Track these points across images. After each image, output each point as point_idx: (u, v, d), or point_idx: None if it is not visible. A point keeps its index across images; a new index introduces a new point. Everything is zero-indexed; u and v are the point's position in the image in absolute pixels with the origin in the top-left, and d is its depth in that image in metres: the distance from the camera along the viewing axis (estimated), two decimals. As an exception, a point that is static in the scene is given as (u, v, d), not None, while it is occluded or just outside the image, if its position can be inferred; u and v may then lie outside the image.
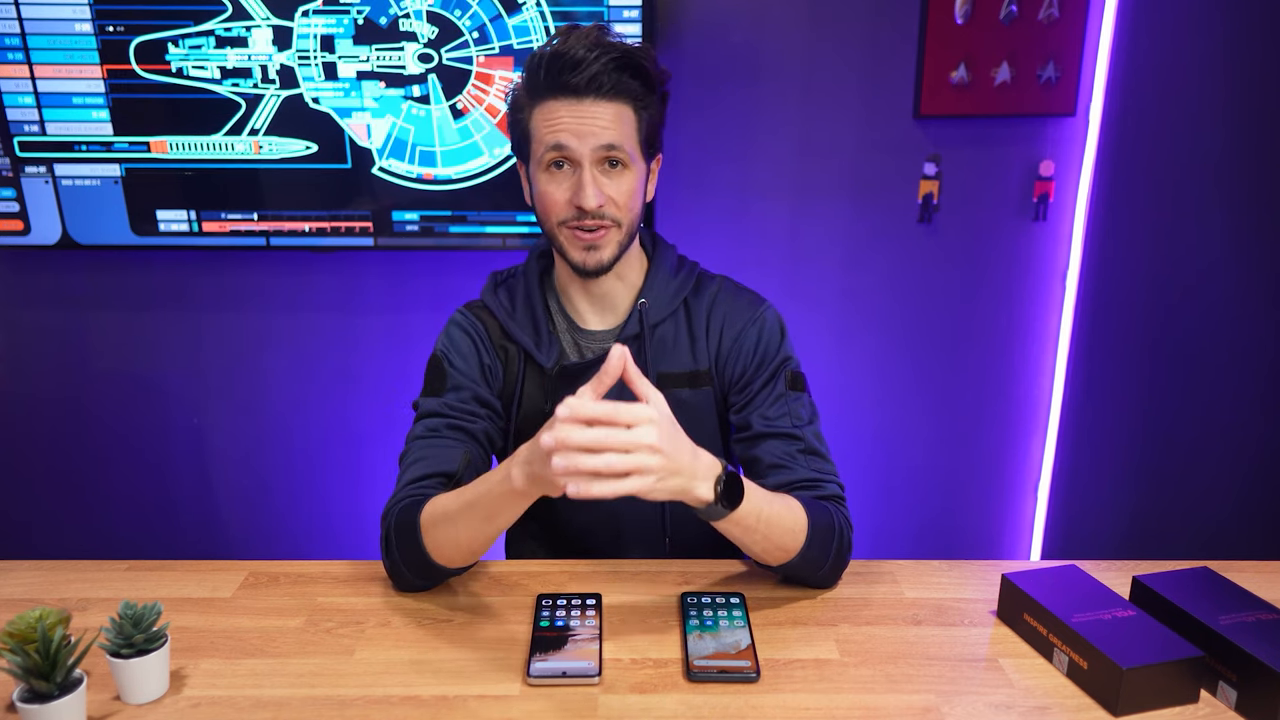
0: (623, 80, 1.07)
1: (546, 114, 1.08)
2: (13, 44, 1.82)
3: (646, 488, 0.85)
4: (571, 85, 1.06)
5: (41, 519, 2.25)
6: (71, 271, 2.07)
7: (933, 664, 0.95)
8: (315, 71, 1.84)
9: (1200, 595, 0.97)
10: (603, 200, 1.08)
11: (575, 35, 1.07)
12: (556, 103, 1.07)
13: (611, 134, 1.08)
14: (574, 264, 1.13)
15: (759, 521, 0.98)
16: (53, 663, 0.81)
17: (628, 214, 1.12)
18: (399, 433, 1.19)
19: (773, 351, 1.20)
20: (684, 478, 0.89)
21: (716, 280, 1.25)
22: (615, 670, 0.94)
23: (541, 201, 1.12)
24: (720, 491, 0.92)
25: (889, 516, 2.24)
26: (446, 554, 1.03)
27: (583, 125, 1.07)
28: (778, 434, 1.14)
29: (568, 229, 1.11)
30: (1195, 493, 2.23)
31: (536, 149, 1.10)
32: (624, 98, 1.08)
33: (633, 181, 1.11)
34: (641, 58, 1.09)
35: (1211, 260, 2.07)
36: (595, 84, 1.06)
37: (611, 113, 1.08)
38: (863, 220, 2.05)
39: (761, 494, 0.99)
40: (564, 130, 1.07)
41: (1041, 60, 1.91)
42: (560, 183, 1.10)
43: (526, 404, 1.21)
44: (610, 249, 1.12)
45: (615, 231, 1.12)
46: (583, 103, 1.07)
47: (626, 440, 0.84)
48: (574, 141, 1.07)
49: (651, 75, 1.10)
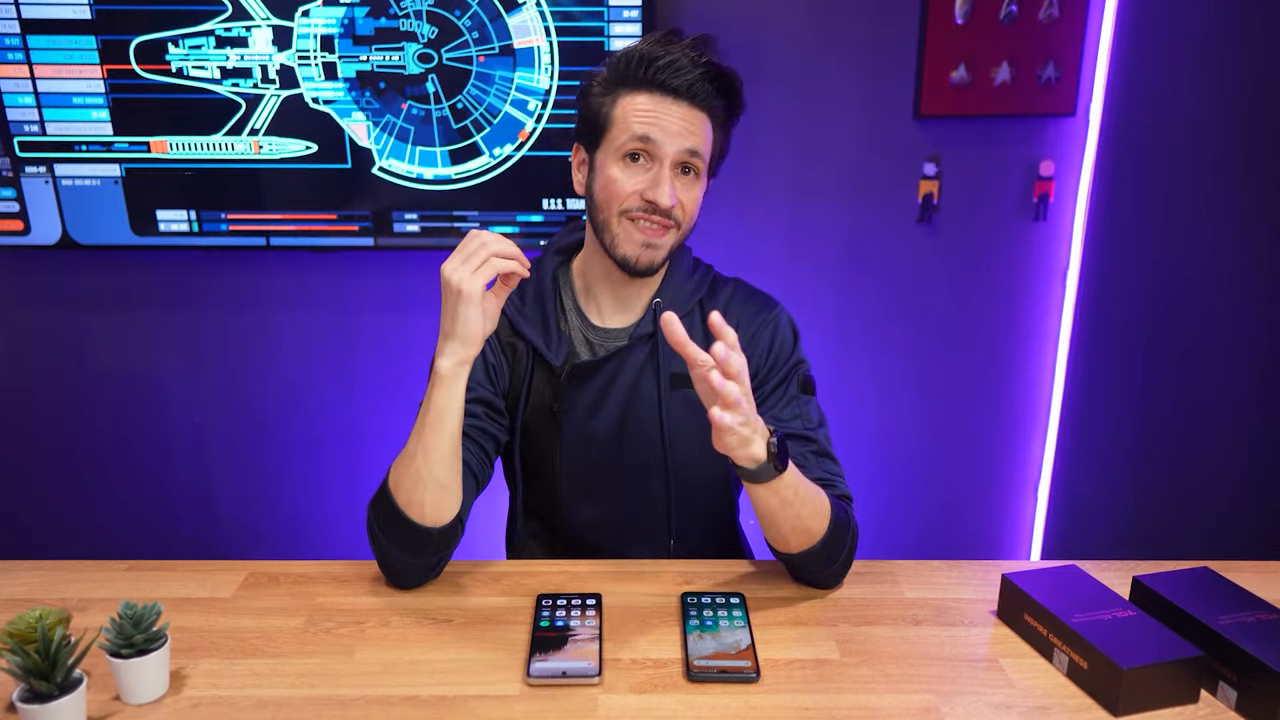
0: (713, 95, 1.10)
1: (636, 105, 1.09)
2: (13, 44, 1.82)
3: (737, 425, 0.89)
4: (670, 86, 1.08)
5: (41, 519, 2.25)
6: (71, 271, 2.07)
7: (933, 664, 0.95)
8: (315, 71, 1.84)
9: (1200, 595, 0.97)
10: (675, 202, 1.10)
11: (679, 41, 1.09)
12: (649, 97, 1.09)
13: (697, 140, 1.10)
14: (623, 257, 1.13)
15: (795, 496, 0.99)
16: (53, 663, 0.81)
17: (688, 222, 1.14)
18: (399, 433, 1.18)
19: (786, 354, 1.20)
20: (750, 429, 0.92)
21: (730, 283, 1.26)
22: (615, 670, 0.94)
23: (608, 188, 1.12)
24: (773, 452, 0.93)
25: (889, 516, 2.24)
26: (418, 500, 1.02)
27: (674, 124, 1.08)
28: (791, 435, 1.15)
29: (629, 219, 1.11)
30: (1195, 492, 2.23)
31: (617, 135, 1.10)
32: (711, 112, 1.11)
33: (699, 192, 1.14)
34: (736, 80, 1.11)
35: (1211, 260, 2.07)
36: (692, 91, 1.08)
37: (699, 121, 1.10)
38: (863, 220, 2.05)
39: (797, 472, 1.00)
40: (655, 125, 1.08)
41: (1041, 60, 1.91)
42: (634, 174, 1.10)
43: (534, 400, 1.21)
44: (664, 251, 1.14)
45: (674, 234, 1.13)
46: (678, 104, 1.08)
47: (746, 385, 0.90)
48: (662, 137, 1.08)
49: (739, 99, 1.13)
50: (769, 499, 0.98)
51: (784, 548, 1.06)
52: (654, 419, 1.19)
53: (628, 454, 1.21)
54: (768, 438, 0.94)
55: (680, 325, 0.89)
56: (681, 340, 0.89)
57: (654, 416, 1.19)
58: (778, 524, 1.02)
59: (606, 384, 1.19)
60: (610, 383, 1.19)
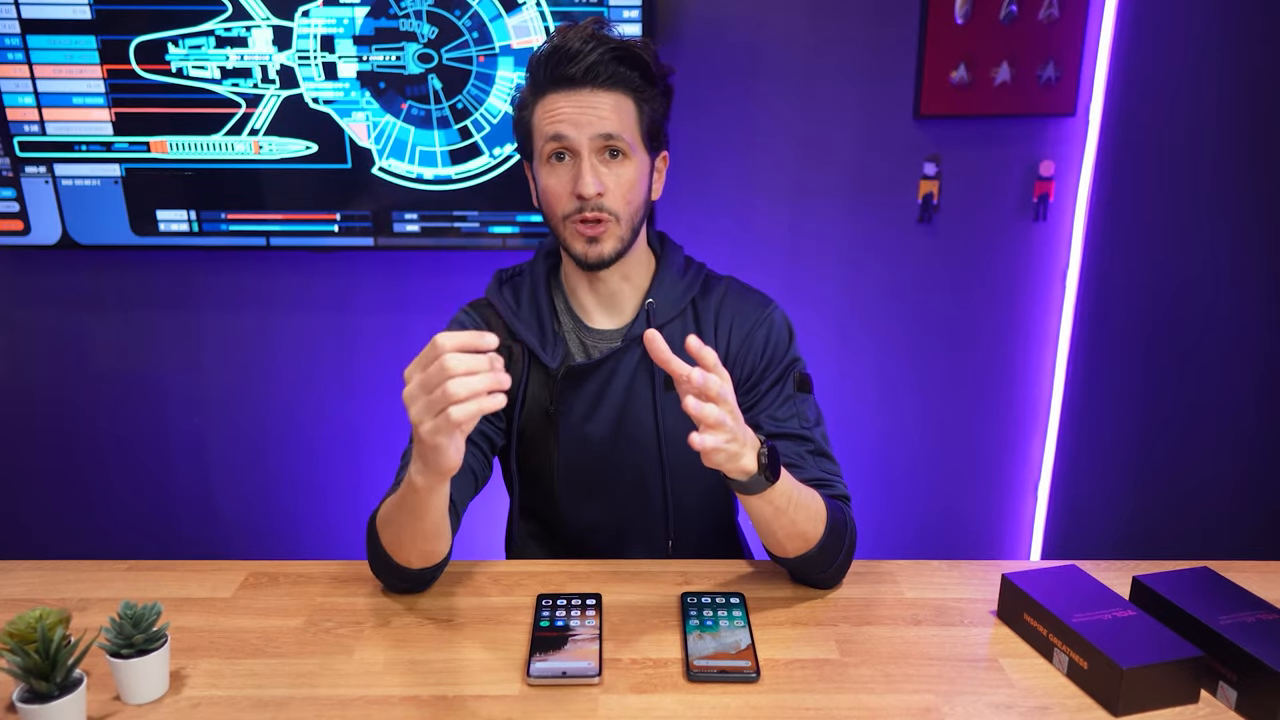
0: (620, 70, 1.08)
1: (546, 107, 1.09)
2: (13, 44, 1.82)
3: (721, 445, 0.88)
4: (569, 77, 1.07)
5: (41, 519, 2.25)
6: (71, 271, 2.07)
7: (933, 664, 0.95)
8: (315, 71, 1.84)
9: (1200, 595, 0.97)
10: (601, 188, 1.08)
11: (572, 30, 1.08)
12: (556, 95, 1.08)
13: (610, 123, 1.08)
14: (577, 257, 1.13)
15: (789, 503, 0.98)
16: (53, 663, 0.81)
17: (626, 206, 1.11)
18: (398, 433, 1.18)
19: (781, 352, 1.19)
20: (739, 444, 0.91)
21: (724, 281, 1.25)
22: (615, 670, 0.94)
23: (545, 196, 1.12)
24: (764, 463, 0.93)
25: (889, 516, 2.24)
26: (404, 554, 1.02)
27: (581, 114, 1.07)
28: (787, 435, 1.14)
29: (571, 223, 1.11)
30: (1195, 492, 2.23)
31: (537, 142, 1.11)
32: (623, 88, 1.09)
33: (633, 172, 1.11)
34: (639, 49, 1.09)
35: (1211, 260, 2.07)
36: (592, 74, 1.06)
37: (610, 102, 1.08)
38: (863, 220, 2.05)
39: (791, 478, 1.00)
40: (563, 120, 1.07)
41: (1041, 60, 1.91)
42: (561, 175, 1.10)
43: (530, 403, 1.21)
44: (611, 242, 1.12)
45: (615, 225, 1.11)
46: (580, 93, 1.07)
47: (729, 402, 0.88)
48: (572, 130, 1.07)
49: (650, 66, 1.10)
50: (763, 507, 0.98)
51: (780, 552, 1.06)
52: (650, 420, 1.19)
53: (624, 455, 1.20)
54: (758, 448, 0.93)
55: (663, 342, 0.87)
56: (665, 357, 0.87)
57: (649, 418, 1.19)
58: (772, 530, 1.02)
59: (602, 386, 1.18)
60: (605, 385, 1.18)
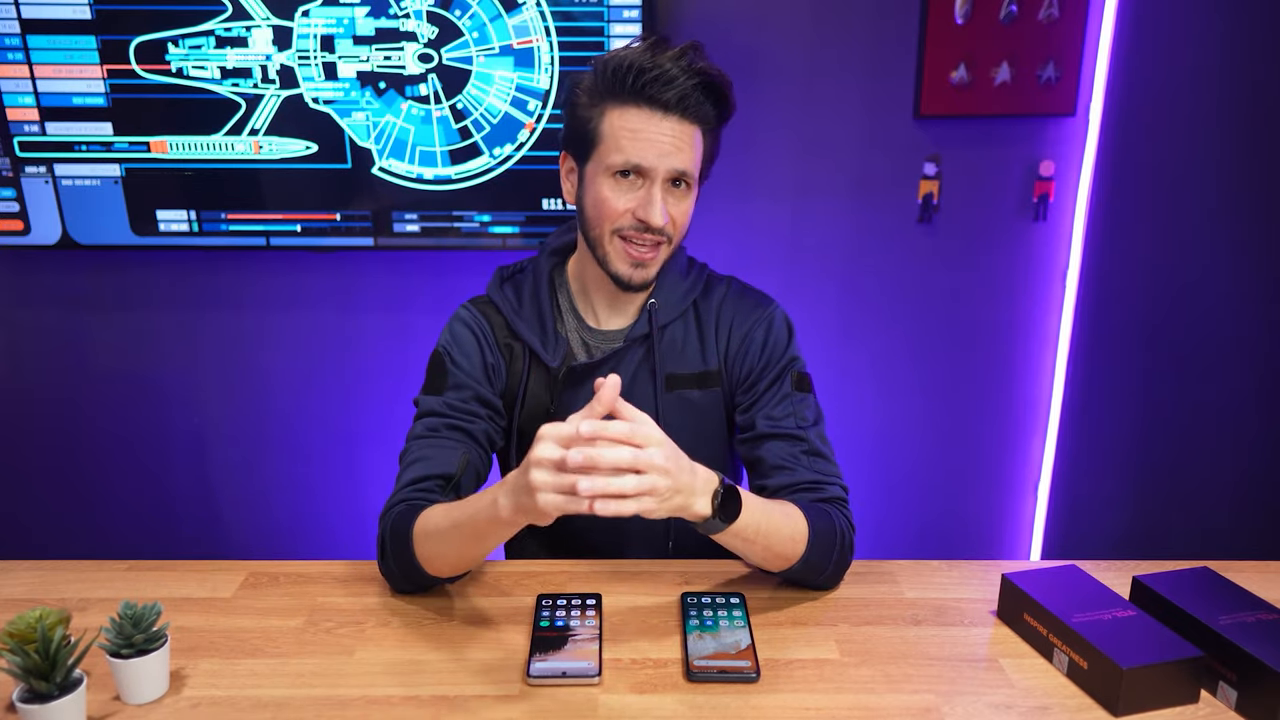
0: (704, 105, 1.07)
1: (626, 122, 1.06)
2: (13, 44, 1.82)
3: (651, 508, 0.85)
4: (660, 100, 1.05)
5: (41, 519, 2.25)
6: (71, 271, 2.07)
7: (933, 664, 0.95)
8: (315, 71, 1.84)
9: (1200, 595, 0.97)
10: (667, 220, 1.09)
11: (668, 50, 1.06)
12: (638, 112, 1.06)
13: (686, 158, 1.08)
14: (617, 276, 1.12)
15: (758, 534, 0.98)
16: (53, 663, 0.81)
17: (679, 233, 1.14)
18: (399, 433, 1.19)
19: (780, 351, 1.19)
20: (684, 495, 0.89)
21: (725, 281, 1.25)
22: (615, 670, 0.94)
23: (599, 207, 1.10)
24: (717, 506, 0.92)
25: (889, 516, 2.24)
26: (437, 566, 1.03)
27: (664, 143, 1.06)
28: (781, 435, 1.14)
29: (620, 239, 1.10)
30: (1195, 492, 2.23)
31: (607, 153, 1.08)
32: (700, 122, 1.09)
33: (691, 203, 1.13)
34: (726, 85, 1.09)
35: (1211, 260, 2.07)
36: (682, 104, 1.05)
37: (690, 137, 1.08)
38: (863, 220, 2.05)
39: (760, 505, 0.99)
40: (645, 146, 1.06)
41: (1041, 60, 1.91)
42: (625, 192, 1.09)
43: (530, 403, 1.21)
44: (656, 266, 1.13)
45: (665, 249, 1.13)
46: (667, 119, 1.06)
47: (643, 460, 0.84)
48: (654, 158, 1.06)
49: (729, 105, 1.11)
50: (731, 540, 0.98)
51: (763, 569, 1.07)
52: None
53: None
54: (714, 489, 0.92)
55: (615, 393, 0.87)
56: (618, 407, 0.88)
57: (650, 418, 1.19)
58: (747, 555, 1.03)
59: None
60: None
